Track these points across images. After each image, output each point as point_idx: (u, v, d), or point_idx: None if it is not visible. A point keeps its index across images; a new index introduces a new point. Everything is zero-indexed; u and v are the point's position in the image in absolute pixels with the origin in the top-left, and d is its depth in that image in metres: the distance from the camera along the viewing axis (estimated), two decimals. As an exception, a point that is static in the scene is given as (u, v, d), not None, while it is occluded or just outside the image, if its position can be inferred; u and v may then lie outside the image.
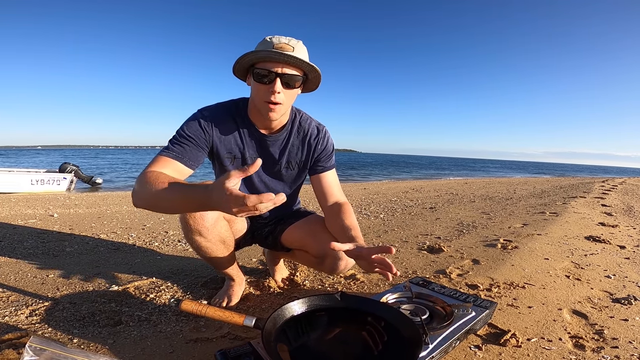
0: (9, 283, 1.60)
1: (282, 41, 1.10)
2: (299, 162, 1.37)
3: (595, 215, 4.07)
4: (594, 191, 7.47)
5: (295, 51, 1.11)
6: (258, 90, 1.13)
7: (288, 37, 1.13)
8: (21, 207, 4.23)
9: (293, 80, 1.13)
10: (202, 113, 1.21)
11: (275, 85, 1.10)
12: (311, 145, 1.35)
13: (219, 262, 1.34)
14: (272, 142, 1.30)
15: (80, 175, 9.32)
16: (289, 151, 1.34)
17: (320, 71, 1.16)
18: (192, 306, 0.93)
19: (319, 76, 1.19)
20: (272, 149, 1.31)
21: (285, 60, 1.08)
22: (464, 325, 1.10)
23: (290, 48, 1.10)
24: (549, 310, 1.42)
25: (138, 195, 1.00)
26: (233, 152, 1.27)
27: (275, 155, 1.33)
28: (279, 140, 1.31)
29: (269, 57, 1.08)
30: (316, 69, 1.14)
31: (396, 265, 2.02)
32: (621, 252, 2.40)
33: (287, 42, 1.11)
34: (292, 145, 1.34)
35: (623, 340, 1.20)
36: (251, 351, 0.92)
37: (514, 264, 2.01)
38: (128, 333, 1.17)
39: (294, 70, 1.12)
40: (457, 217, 3.84)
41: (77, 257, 2.11)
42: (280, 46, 1.09)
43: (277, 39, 1.11)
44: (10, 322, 1.21)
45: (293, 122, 1.32)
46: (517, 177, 21.53)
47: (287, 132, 1.32)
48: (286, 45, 1.10)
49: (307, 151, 1.36)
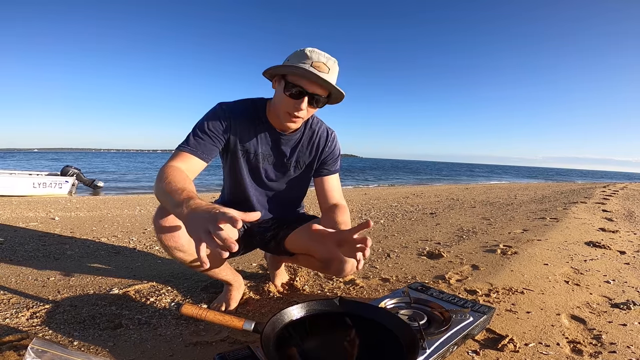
0: (10, 285, 1.61)
1: (321, 60, 1.12)
2: (306, 162, 1.42)
3: (596, 220, 4.07)
4: (595, 196, 7.46)
5: (331, 72, 1.13)
6: (285, 101, 1.17)
7: (326, 55, 1.14)
8: (22, 209, 4.25)
9: (319, 100, 1.17)
10: (221, 107, 1.26)
11: (303, 102, 1.14)
12: (319, 148, 1.40)
13: (209, 271, 1.32)
14: (285, 140, 1.34)
15: (82, 178, 9.34)
16: (299, 151, 1.38)
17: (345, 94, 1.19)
18: (193, 310, 0.94)
19: (342, 98, 1.22)
20: (283, 147, 1.36)
21: (321, 83, 1.11)
22: (462, 331, 1.11)
23: (326, 69, 1.12)
24: (547, 315, 1.43)
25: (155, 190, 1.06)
26: (246, 147, 1.32)
27: (287, 153, 1.37)
28: (292, 140, 1.35)
29: (305, 76, 1.11)
30: (343, 94, 1.18)
31: (396, 270, 2.03)
32: (621, 258, 2.40)
33: (325, 61, 1.12)
34: (302, 146, 1.38)
35: (621, 345, 1.20)
36: (250, 355, 0.93)
37: (513, 269, 2.01)
38: (128, 336, 1.18)
39: (323, 91, 1.16)
40: (457, 223, 3.84)
41: (78, 260, 2.12)
42: (318, 65, 1.11)
43: (317, 55, 1.12)
44: (11, 324, 1.22)
45: (306, 124, 1.37)
46: (517, 182, 21.53)
47: (300, 133, 1.36)
48: (324, 65, 1.12)
49: (315, 153, 1.40)
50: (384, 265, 2.12)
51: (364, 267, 2.07)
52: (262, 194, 1.43)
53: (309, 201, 5.03)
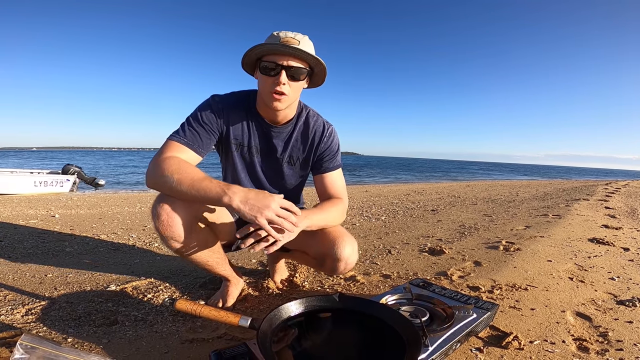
0: (7, 282, 1.60)
1: (289, 35, 1.14)
2: (301, 158, 1.37)
3: (599, 217, 4.03)
4: (597, 194, 7.41)
5: (301, 45, 1.13)
6: (265, 82, 1.16)
7: (294, 32, 1.15)
8: (23, 207, 4.24)
9: (298, 72, 1.15)
10: (214, 99, 1.24)
11: (280, 77, 1.12)
12: (314, 143, 1.35)
13: (205, 265, 1.28)
14: (276, 133, 1.31)
15: (83, 176, 9.34)
16: (291, 145, 1.34)
17: (326, 64, 1.19)
18: (187, 306, 0.92)
19: (324, 70, 1.22)
20: (275, 141, 1.32)
21: (291, 52, 1.11)
22: (465, 327, 1.08)
23: (296, 42, 1.13)
24: (552, 312, 1.40)
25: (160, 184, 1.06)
26: (239, 140, 1.29)
27: (279, 148, 1.33)
28: (283, 132, 1.32)
29: (275, 49, 1.12)
30: (321, 62, 1.17)
31: (397, 267, 2.00)
32: (625, 254, 2.37)
33: (293, 36, 1.14)
34: (296, 140, 1.34)
35: (628, 343, 1.18)
36: (246, 352, 0.91)
37: (516, 266, 1.98)
38: (123, 333, 1.16)
39: (299, 63, 1.15)
40: (458, 220, 3.81)
41: (76, 257, 2.10)
42: (286, 40, 1.12)
43: (284, 33, 1.14)
44: (5, 320, 1.20)
45: (299, 117, 1.33)
46: (519, 180, 21.44)
47: (292, 126, 1.32)
48: (292, 39, 1.13)
49: (310, 148, 1.35)
50: (385, 262, 2.09)
51: (364, 264, 2.04)
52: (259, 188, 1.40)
53: (309, 198, 5.01)
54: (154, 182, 1.08)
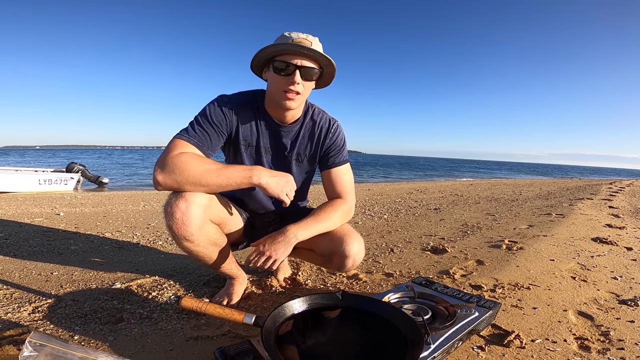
0: (14, 280, 1.62)
1: (301, 36, 1.16)
2: (308, 155, 1.39)
3: (602, 217, 4.02)
4: (601, 193, 7.37)
5: (313, 46, 1.15)
6: (278, 81, 1.17)
7: (305, 34, 1.17)
8: (28, 205, 4.28)
9: (311, 73, 1.18)
10: (223, 99, 1.25)
11: (295, 76, 1.14)
12: (320, 139, 1.37)
13: (213, 263, 1.29)
14: (285, 133, 1.32)
15: (87, 175, 9.39)
16: (299, 143, 1.36)
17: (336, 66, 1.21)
18: (192, 303, 0.93)
19: (334, 71, 1.24)
20: (284, 140, 1.34)
21: (305, 53, 1.13)
22: (467, 326, 1.09)
23: (308, 43, 1.15)
24: (554, 311, 1.40)
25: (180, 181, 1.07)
26: (248, 140, 1.31)
27: (287, 146, 1.35)
28: (291, 131, 1.33)
29: (289, 49, 1.13)
30: (332, 63, 1.20)
31: (399, 265, 2.01)
32: (628, 254, 2.36)
33: (305, 37, 1.16)
34: (303, 138, 1.36)
35: (629, 342, 1.18)
36: (250, 349, 0.92)
37: (518, 265, 1.98)
38: (129, 330, 1.18)
39: (312, 64, 1.17)
40: (461, 218, 3.81)
41: (81, 255, 2.12)
42: (299, 40, 1.14)
43: (296, 34, 1.16)
44: (12, 318, 1.22)
45: (305, 115, 1.35)
46: (522, 178, 21.35)
47: (300, 124, 1.34)
48: (304, 40, 1.15)
49: (316, 144, 1.37)
50: (387, 260, 2.10)
51: (367, 262, 2.05)
52: None
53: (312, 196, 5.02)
54: (172, 180, 1.06)
